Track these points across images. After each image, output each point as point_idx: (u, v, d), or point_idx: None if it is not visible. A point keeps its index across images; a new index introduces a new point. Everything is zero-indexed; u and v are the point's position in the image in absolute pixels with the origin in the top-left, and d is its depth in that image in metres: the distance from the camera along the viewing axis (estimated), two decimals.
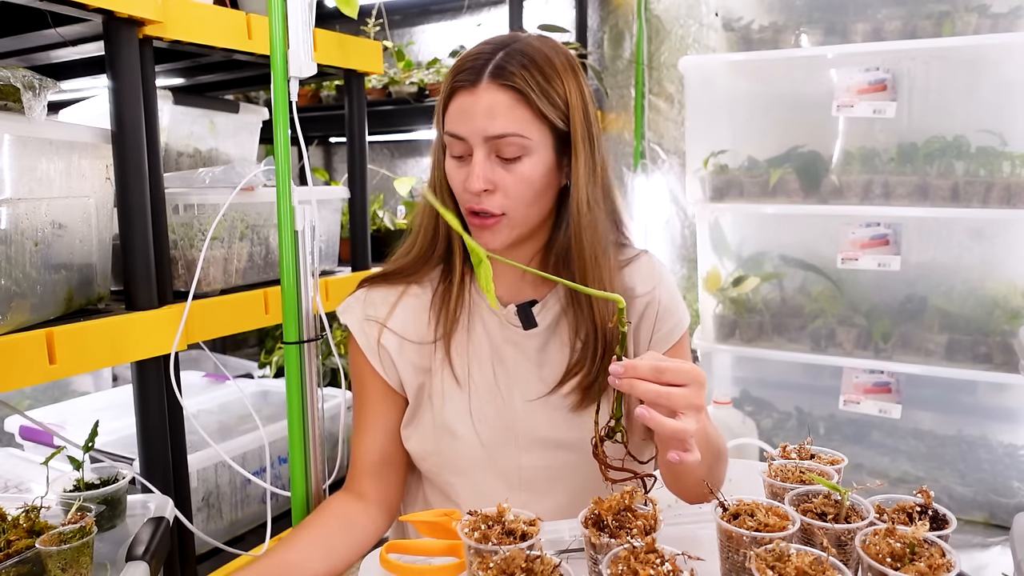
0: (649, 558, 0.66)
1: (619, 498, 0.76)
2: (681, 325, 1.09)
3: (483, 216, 0.97)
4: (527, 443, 1.03)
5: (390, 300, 1.09)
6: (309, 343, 1.34)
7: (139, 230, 1.32)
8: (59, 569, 0.87)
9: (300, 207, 1.30)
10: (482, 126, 0.92)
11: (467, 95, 0.93)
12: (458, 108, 0.94)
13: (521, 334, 1.04)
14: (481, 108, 0.92)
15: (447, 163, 0.99)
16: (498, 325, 1.05)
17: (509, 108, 0.92)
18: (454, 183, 0.98)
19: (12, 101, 1.12)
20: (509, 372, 1.04)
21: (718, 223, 2.37)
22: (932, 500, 0.79)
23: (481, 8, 2.99)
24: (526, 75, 0.93)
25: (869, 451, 2.20)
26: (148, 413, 1.37)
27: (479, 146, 0.93)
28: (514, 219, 0.97)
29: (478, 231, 0.98)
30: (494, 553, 0.68)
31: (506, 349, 1.04)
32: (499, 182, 0.94)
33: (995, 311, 2.02)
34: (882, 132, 2.09)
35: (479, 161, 0.93)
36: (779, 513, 0.76)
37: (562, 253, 1.02)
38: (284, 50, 1.27)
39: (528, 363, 1.04)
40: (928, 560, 0.66)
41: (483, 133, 0.93)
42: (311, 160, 3.46)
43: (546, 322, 1.04)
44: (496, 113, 0.92)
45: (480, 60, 0.94)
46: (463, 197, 0.98)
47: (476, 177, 0.93)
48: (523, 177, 0.95)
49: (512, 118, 0.93)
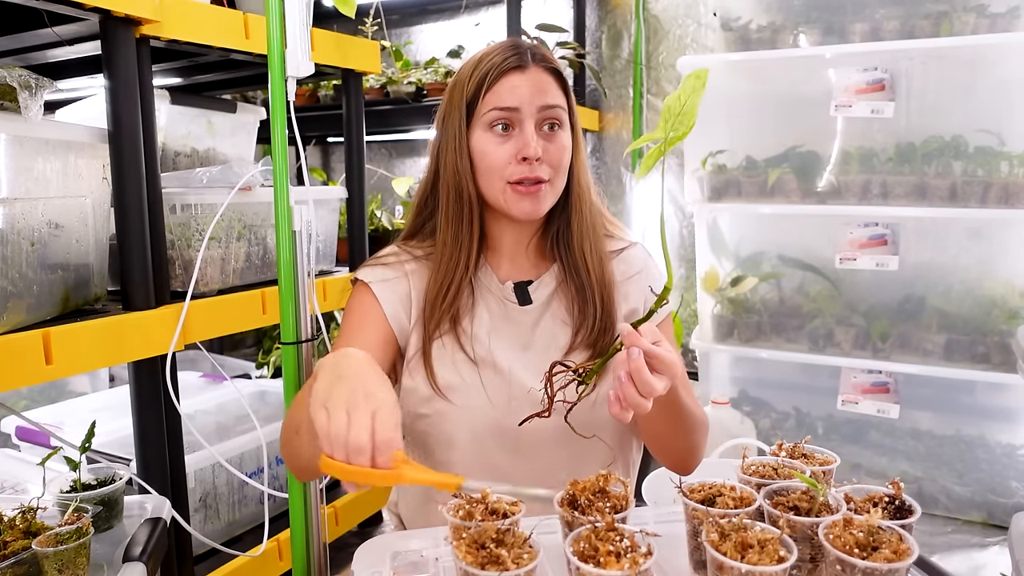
0: (609, 536, 0.71)
1: (594, 480, 0.83)
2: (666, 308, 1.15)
3: (532, 184, 1.05)
4: (521, 410, 1.05)
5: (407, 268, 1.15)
6: (307, 343, 1.34)
7: (136, 230, 1.31)
8: (55, 570, 0.87)
9: (297, 207, 1.30)
10: (535, 97, 1.05)
11: (518, 74, 1.06)
12: (509, 85, 1.05)
13: (517, 310, 1.12)
14: (532, 83, 1.06)
15: (485, 142, 1.06)
16: (496, 301, 1.13)
17: (553, 85, 1.08)
18: (496, 159, 1.05)
19: (8, 100, 1.11)
20: (505, 345, 1.10)
21: (716, 223, 2.37)
22: (902, 491, 0.81)
23: (479, 8, 2.99)
24: (556, 63, 1.11)
25: (867, 451, 2.20)
26: (145, 414, 1.37)
27: (530, 117, 1.05)
28: (555, 186, 1.09)
29: (521, 200, 1.06)
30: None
31: (504, 325, 1.12)
32: (544, 151, 1.05)
33: (993, 311, 2.02)
34: (880, 132, 2.09)
35: (531, 130, 1.05)
36: (745, 496, 0.81)
37: (556, 231, 1.14)
38: (282, 50, 1.26)
39: (522, 337, 1.11)
40: (890, 547, 0.68)
41: (537, 103, 1.05)
42: (309, 160, 3.46)
43: (541, 299, 1.13)
44: (545, 88, 1.07)
45: (518, 50, 1.08)
46: (508, 170, 1.05)
47: (535, 144, 1.04)
48: (562, 145, 1.08)
49: (556, 93, 1.08)
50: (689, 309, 2.69)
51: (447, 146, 1.09)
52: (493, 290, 1.13)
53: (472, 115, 1.07)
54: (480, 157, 1.07)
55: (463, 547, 0.70)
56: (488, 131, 1.06)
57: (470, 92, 1.07)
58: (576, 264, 1.12)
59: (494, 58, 1.07)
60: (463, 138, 1.07)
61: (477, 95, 1.06)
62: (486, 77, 1.06)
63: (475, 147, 1.07)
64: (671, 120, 0.95)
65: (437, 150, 1.12)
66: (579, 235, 1.12)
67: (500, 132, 1.05)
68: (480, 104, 1.06)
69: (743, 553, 0.68)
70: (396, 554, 0.88)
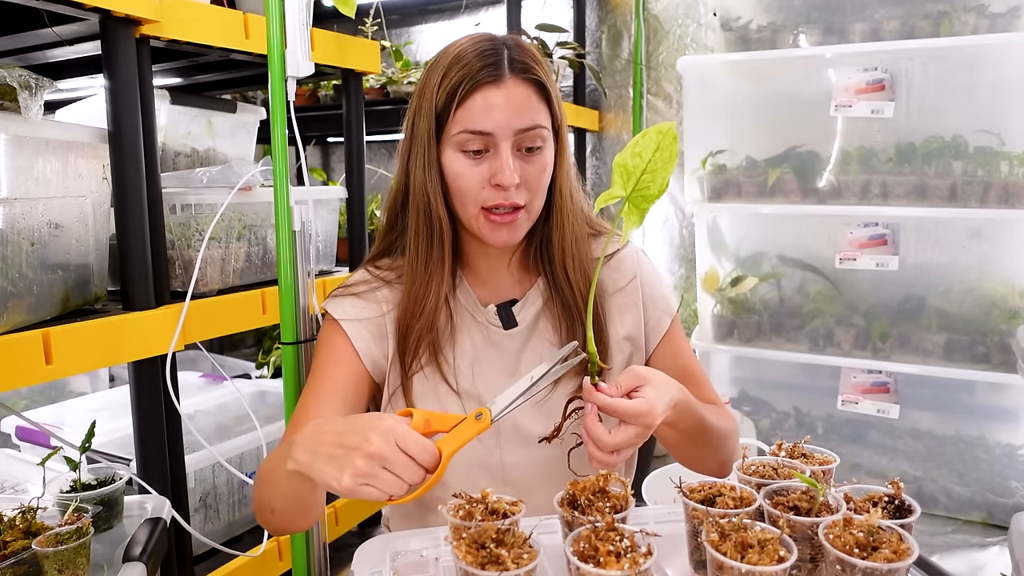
0: (609, 536, 0.71)
1: (595, 480, 0.82)
2: (668, 311, 1.11)
3: (506, 212, 0.96)
4: (508, 441, 1.03)
5: (379, 295, 1.07)
6: (307, 343, 1.34)
7: (136, 230, 1.31)
8: (55, 570, 0.87)
9: (297, 207, 1.30)
10: (512, 120, 0.93)
11: (492, 89, 0.92)
12: (483, 103, 0.92)
13: (501, 334, 1.05)
14: (509, 101, 0.93)
15: (456, 163, 0.95)
16: (479, 327, 1.05)
17: (534, 100, 0.95)
18: (468, 182, 0.95)
19: (8, 101, 1.11)
20: (489, 375, 1.04)
21: (716, 223, 2.37)
22: (902, 491, 0.80)
23: (479, 8, 2.99)
24: (538, 68, 0.96)
25: (867, 451, 2.20)
26: (145, 413, 1.36)
27: (506, 140, 0.93)
28: (532, 211, 0.99)
29: (496, 229, 0.97)
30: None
31: (487, 351, 1.05)
32: (522, 175, 0.95)
33: (993, 311, 2.02)
34: (880, 132, 2.09)
35: (507, 155, 0.93)
36: (745, 496, 0.81)
37: (540, 246, 1.05)
38: (282, 50, 1.26)
39: (508, 363, 1.05)
40: (890, 547, 0.68)
41: (514, 126, 0.93)
42: (309, 160, 3.46)
43: (526, 321, 1.05)
44: (524, 106, 0.93)
45: (493, 55, 0.94)
46: (481, 195, 0.95)
47: (510, 171, 0.92)
48: (542, 167, 0.97)
49: (536, 110, 0.95)
50: (689, 309, 2.69)
51: (416, 159, 0.98)
52: (475, 314, 1.05)
53: (442, 130, 0.96)
54: (452, 178, 0.96)
55: (463, 547, 0.70)
56: (459, 152, 0.95)
57: (440, 104, 0.95)
58: (559, 282, 1.04)
59: (466, 65, 0.93)
60: (432, 153, 0.97)
61: (448, 109, 0.94)
62: (457, 89, 0.93)
63: (446, 166, 0.96)
64: (629, 178, 0.83)
65: (407, 160, 1.01)
66: (561, 252, 1.02)
67: (472, 154, 0.94)
68: (451, 121, 0.94)
69: (743, 553, 0.68)
70: (396, 554, 0.88)
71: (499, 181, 0.93)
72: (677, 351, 1.12)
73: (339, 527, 1.92)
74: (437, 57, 0.99)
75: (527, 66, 0.95)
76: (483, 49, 0.94)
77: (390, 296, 1.05)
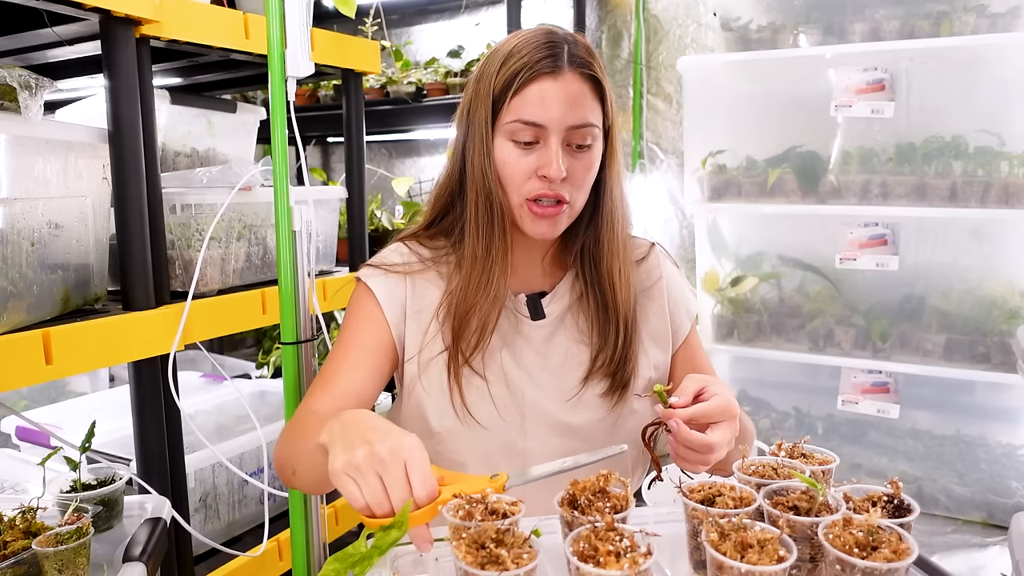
0: (609, 536, 0.70)
1: (595, 480, 0.82)
2: (689, 315, 1.13)
3: (549, 205, 0.97)
4: (534, 429, 1.04)
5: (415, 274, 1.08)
6: (307, 343, 1.34)
7: (136, 230, 1.31)
8: (55, 570, 0.87)
9: (297, 207, 1.30)
10: (566, 115, 0.93)
11: (549, 81, 0.93)
12: (539, 94, 0.93)
13: (529, 324, 1.06)
14: (565, 95, 0.93)
15: (505, 152, 0.97)
16: (507, 313, 1.06)
17: (589, 97, 0.95)
18: (515, 171, 0.96)
19: (8, 101, 1.11)
20: (517, 361, 1.05)
21: (716, 223, 2.37)
22: (901, 490, 0.81)
23: (479, 8, 2.99)
24: (596, 65, 0.97)
25: (867, 451, 2.20)
26: (145, 414, 1.37)
27: (556, 134, 0.94)
28: (574, 207, 1.00)
29: (537, 221, 0.98)
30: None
31: (516, 339, 1.06)
32: (569, 169, 0.95)
33: (993, 311, 2.02)
34: (880, 132, 2.09)
35: (556, 148, 0.94)
36: (745, 496, 0.81)
37: (581, 246, 1.05)
38: (282, 50, 1.26)
39: (534, 353, 1.06)
40: (890, 546, 0.68)
41: (567, 122, 0.93)
42: (309, 160, 3.46)
43: (554, 313, 1.07)
44: (579, 102, 0.94)
45: (553, 47, 0.95)
46: (527, 186, 0.96)
47: (558, 165, 0.93)
48: (589, 165, 0.97)
49: (590, 108, 0.96)
50: None
51: (473, 143, 0.99)
52: (505, 302, 1.05)
53: (496, 116, 0.97)
54: (500, 166, 0.98)
55: (463, 547, 0.70)
56: (509, 140, 0.96)
57: (497, 89, 0.96)
58: (603, 285, 1.04)
59: (525, 56, 0.94)
60: (488, 139, 0.98)
61: (504, 96, 0.95)
62: (515, 78, 0.94)
63: (495, 153, 0.98)
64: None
65: (463, 145, 1.02)
66: (610, 256, 1.03)
67: (522, 144, 0.96)
68: (505, 108, 0.96)
69: (743, 553, 0.68)
70: (396, 554, 0.88)
71: (546, 173, 0.94)
72: (695, 355, 1.14)
73: (339, 527, 1.92)
74: (497, 46, 1.01)
75: (586, 61, 0.96)
76: (543, 41, 0.96)
77: (424, 276, 1.06)
